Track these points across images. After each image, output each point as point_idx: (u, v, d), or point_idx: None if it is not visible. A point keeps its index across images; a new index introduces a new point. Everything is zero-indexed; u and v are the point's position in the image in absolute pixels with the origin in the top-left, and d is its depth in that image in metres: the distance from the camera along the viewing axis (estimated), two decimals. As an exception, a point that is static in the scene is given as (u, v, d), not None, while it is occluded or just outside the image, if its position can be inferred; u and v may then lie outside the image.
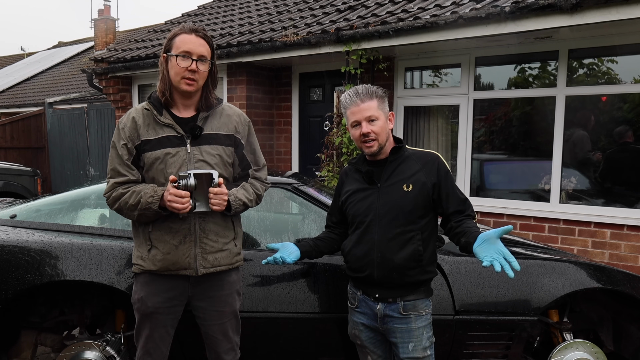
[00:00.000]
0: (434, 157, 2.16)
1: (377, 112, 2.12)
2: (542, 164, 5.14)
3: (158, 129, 2.03)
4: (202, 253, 2.06)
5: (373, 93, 2.13)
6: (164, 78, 2.03)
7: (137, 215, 2.01)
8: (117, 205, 2.03)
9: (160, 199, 1.95)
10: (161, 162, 2.01)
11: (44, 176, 11.26)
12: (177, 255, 2.04)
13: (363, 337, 2.26)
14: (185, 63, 1.97)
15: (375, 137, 2.11)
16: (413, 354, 2.11)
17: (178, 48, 1.98)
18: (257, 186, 2.22)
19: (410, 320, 2.11)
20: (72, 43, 19.26)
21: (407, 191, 2.09)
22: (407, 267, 2.09)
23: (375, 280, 2.14)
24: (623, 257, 4.65)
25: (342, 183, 2.32)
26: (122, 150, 2.03)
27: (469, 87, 5.50)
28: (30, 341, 2.70)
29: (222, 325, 2.17)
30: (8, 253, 2.45)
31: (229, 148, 2.12)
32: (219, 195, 1.96)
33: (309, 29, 5.84)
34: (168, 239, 2.04)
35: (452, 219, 2.13)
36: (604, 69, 4.84)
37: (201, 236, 2.06)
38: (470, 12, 4.59)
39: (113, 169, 2.04)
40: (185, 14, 8.90)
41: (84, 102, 11.23)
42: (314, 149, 6.45)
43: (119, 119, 2.10)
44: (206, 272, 2.08)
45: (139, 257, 2.10)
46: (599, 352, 2.75)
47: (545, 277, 2.68)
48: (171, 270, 2.05)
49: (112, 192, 2.04)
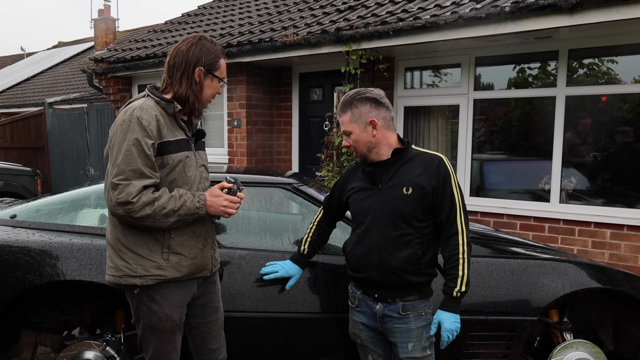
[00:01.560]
0: (436, 160, 2.10)
1: (349, 126, 2.14)
2: (542, 164, 5.14)
3: (174, 130, 1.97)
4: (213, 252, 2.18)
5: (348, 104, 2.14)
6: (197, 91, 2.00)
7: (173, 222, 1.89)
8: (149, 211, 1.83)
9: (205, 204, 1.98)
10: (183, 165, 1.98)
11: (44, 176, 11.26)
12: (203, 258, 2.08)
13: (363, 336, 2.26)
14: (221, 88, 2.11)
15: (353, 149, 2.18)
16: (412, 354, 2.11)
17: (222, 73, 2.06)
18: None
19: (410, 320, 2.11)
20: (72, 43, 19.26)
21: (407, 194, 2.07)
22: (405, 270, 2.08)
23: (374, 281, 2.14)
24: (623, 257, 4.65)
25: (347, 178, 2.32)
26: (151, 149, 1.86)
27: (469, 87, 5.50)
28: (30, 341, 2.70)
29: (217, 320, 2.24)
30: (8, 253, 2.45)
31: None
32: (237, 203, 2.07)
33: (309, 29, 5.84)
34: (193, 243, 2.03)
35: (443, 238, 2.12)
36: (604, 69, 4.84)
37: (214, 237, 2.19)
38: (470, 12, 4.59)
39: (135, 170, 1.82)
40: (185, 14, 8.89)
41: (84, 102, 11.22)
42: (314, 149, 6.45)
43: (133, 113, 1.88)
44: (214, 270, 2.19)
45: (154, 267, 1.93)
46: (599, 352, 2.75)
47: (545, 277, 2.68)
48: (194, 274, 2.06)
49: (141, 195, 1.82)
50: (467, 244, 2.06)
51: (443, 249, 2.09)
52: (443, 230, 2.09)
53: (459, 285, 2.02)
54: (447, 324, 2.04)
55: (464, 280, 2.03)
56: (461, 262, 2.03)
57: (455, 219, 2.06)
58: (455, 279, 2.03)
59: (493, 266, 2.69)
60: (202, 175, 2.09)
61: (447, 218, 2.06)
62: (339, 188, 2.37)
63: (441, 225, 2.09)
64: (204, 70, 1.98)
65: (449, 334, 2.04)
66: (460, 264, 2.03)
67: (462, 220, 2.07)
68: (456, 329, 2.05)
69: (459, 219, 2.06)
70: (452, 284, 2.03)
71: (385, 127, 2.14)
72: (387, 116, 2.16)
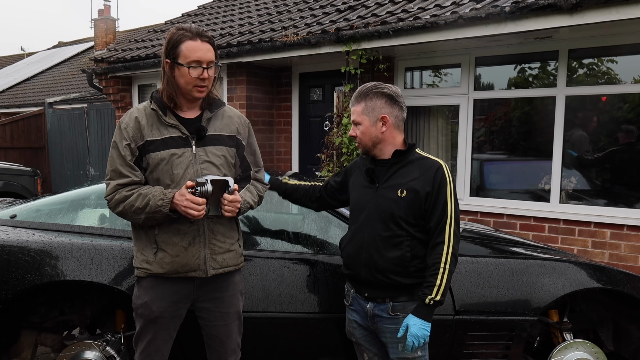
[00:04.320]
0: (435, 167, 2.07)
1: (360, 117, 2.13)
2: (542, 164, 5.14)
3: (162, 129, 2.00)
4: (212, 254, 2.06)
5: (363, 95, 2.13)
6: (172, 84, 1.98)
7: (143, 218, 1.95)
8: (121, 208, 1.97)
9: (170, 202, 1.92)
10: (167, 163, 1.98)
11: (44, 176, 11.26)
12: (186, 257, 2.02)
13: (357, 334, 2.27)
14: (196, 72, 1.94)
15: (359, 141, 2.16)
16: (403, 355, 2.10)
17: (187, 57, 1.93)
18: (259, 188, 2.24)
19: (399, 320, 2.09)
20: (72, 43, 19.26)
21: (401, 196, 2.06)
22: (392, 271, 2.07)
23: (363, 280, 2.14)
24: (623, 257, 4.65)
25: (352, 170, 2.33)
26: (125, 150, 1.97)
27: (469, 87, 5.50)
28: (30, 341, 2.70)
29: (226, 326, 2.16)
30: (8, 253, 2.45)
31: (231, 149, 2.11)
32: (233, 203, 1.96)
33: (309, 29, 5.84)
34: (176, 241, 2.01)
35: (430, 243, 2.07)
36: (604, 69, 4.84)
37: (210, 237, 2.05)
38: (470, 12, 4.59)
39: (114, 170, 1.98)
40: (185, 14, 8.89)
41: (84, 102, 11.23)
42: (314, 149, 6.45)
43: (120, 119, 2.06)
44: (216, 273, 2.07)
45: (144, 261, 2.04)
46: (599, 352, 2.75)
47: (545, 277, 2.68)
48: (180, 273, 2.03)
49: (115, 194, 1.97)
50: (452, 255, 2.00)
51: (428, 255, 2.05)
52: (431, 237, 2.06)
53: (434, 293, 1.97)
54: (413, 329, 1.99)
55: (441, 290, 1.97)
56: (441, 272, 1.98)
57: (444, 228, 2.02)
58: (431, 287, 1.98)
59: (493, 266, 2.69)
60: (201, 172, 2.00)
61: (436, 226, 2.03)
62: (344, 173, 2.39)
63: (430, 232, 2.06)
64: (170, 62, 1.97)
65: (414, 339, 1.98)
66: (440, 272, 1.98)
67: (452, 230, 2.02)
68: (423, 336, 1.99)
69: (447, 228, 2.02)
70: (428, 291, 1.98)
71: (395, 126, 2.13)
72: (400, 115, 2.14)
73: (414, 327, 2.00)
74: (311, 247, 2.78)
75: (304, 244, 2.81)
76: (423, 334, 1.99)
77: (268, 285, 2.54)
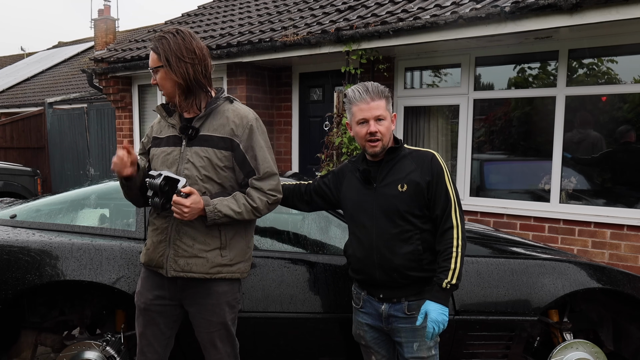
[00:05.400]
0: (429, 157, 2.12)
1: (385, 112, 2.11)
2: (542, 164, 5.14)
3: (167, 128, 2.14)
4: (174, 255, 2.03)
5: (382, 92, 2.13)
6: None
7: (125, 190, 2.12)
8: None
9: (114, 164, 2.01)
10: (157, 158, 2.11)
11: (44, 176, 11.25)
12: (155, 253, 2.09)
13: (368, 337, 2.26)
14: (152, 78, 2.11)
15: (380, 137, 2.10)
16: (418, 354, 2.12)
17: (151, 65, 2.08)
18: (253, 197, 2.02)
19: (415, 319, 2.10)
20: (72, 43, 19.26)
21: (402, 191, 2.08)
22: (407, 267, 2.08)
23: (378, 281, 2.14)
24: (623, 257, 4.65)
25: (342, 174, 2.28)
26: (140, 145, 2.26)
27: (469, 87, 5.50)
28: (30, 341, 2.70)
29: (209, 334, 2.10)
30: (8, 253, 2.45)
31: (222, 151, 2.01)
32: (177, 205, 1.91)
33: (309, 29, 5.84)
34: (152, 235, 2.13)
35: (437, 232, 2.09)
36: (604, 69, 4.84)
37: (175, 237, 2.04)
38: (470, 12, 4.59)
39: None
40: (185, 14, 8.89)
41: (84, 102, 11.22)
42: (314, 149, 6.45)
43: None
44: (175, 275, 2.03)
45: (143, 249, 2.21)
46: (599, 352, 2.75)
47: (545, 277, 2.68)
48: (150, 267, 2.12)
49: None
50: (462, 239, 2.04)
51: (438, 243, 2.07)
52: (438, 225, 2.08)
53: (449, 277, 1.99)
54: (433, 314, 1.98)
55: (456, 274, 1.99)
56: (454, 256, 2.01)
57: (450, 214, 2.05)
58: (446, 271, 2.00)
59: (493, 266, 2.69)
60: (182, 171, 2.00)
61: (442, 212, 2.06)
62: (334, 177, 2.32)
63: (437, 220, 2.08)
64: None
65: (434, 325, 1.98)
66: (453, 257, 2.00)
67: (457, 215, 2.06)
68: (442, 321, 1.99)
69: (453, 213, 2.06)
70: (443, 275, 2.00)
71: None
72: None
73: (434, 312, 1.99)
74: (311, 247, 2.78)
75: (304, 244, 2.81)
76: (442, 319, 1.99)
77: (268, 285, 2.54)
